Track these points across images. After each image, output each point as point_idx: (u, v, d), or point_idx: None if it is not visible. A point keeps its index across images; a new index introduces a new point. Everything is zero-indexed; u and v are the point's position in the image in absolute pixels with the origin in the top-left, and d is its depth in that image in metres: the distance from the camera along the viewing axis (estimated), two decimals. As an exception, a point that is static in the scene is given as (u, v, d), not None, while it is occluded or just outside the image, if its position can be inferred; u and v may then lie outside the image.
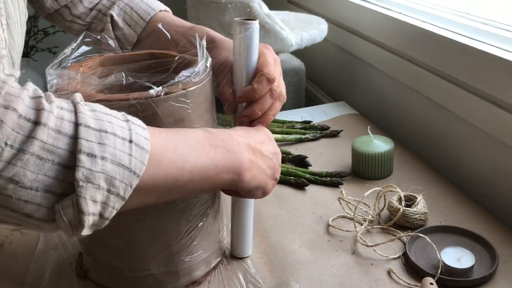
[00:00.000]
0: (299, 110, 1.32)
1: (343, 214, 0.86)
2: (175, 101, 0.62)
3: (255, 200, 0.90)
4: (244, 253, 0.78)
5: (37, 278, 0.74)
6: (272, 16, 1.30)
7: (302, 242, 0.81)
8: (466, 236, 0.79)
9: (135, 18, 0.83)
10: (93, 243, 0.70)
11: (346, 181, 0.97)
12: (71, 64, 0.69)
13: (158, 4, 0.85)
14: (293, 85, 1.71)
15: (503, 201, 0.92)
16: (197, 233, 0.69)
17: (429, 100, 1.09)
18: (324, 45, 1.52)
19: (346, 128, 1.18)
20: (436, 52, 1.05)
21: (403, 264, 0.75)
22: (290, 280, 0.73)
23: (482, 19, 1.02)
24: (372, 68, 1.33)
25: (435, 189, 0.93)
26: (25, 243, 0.82)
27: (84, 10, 0.85)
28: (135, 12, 0.83)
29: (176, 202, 0.66)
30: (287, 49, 1.34)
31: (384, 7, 1.29)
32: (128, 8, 0.84)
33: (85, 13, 0.86)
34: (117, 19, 0.83)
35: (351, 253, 0.78)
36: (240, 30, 0.67)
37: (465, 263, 0.72)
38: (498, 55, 0.88)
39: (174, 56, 0.70)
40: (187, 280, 0.71)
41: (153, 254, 0.67)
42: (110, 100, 0.60)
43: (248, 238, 0.77)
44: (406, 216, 0.82)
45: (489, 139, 0.93)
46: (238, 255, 0.78)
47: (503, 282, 0.71)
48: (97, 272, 0.72)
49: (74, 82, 0.63)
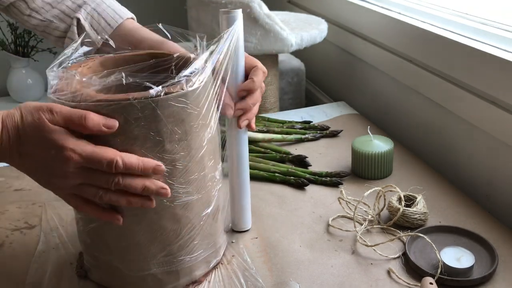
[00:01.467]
0: (299, 110, 1.32)
1: (343, 214, 0.86)
2: (175, 101, 0.62)
3: (255, 201, 0.90)
4: (244, 227, 0.83)
5: (37, 278, 0.74)
6: (272, 16, 1.31)
7: (302, 242, 0.81)
8: (466, 236, 0.79)
9: (102, 24, 0.84)
10: (93, 243, 0.70)
11: (346, 181, 0.98)
12: (71, 65, 0.69)
13: (125, 12, 0.87)
14: (293, 85, 1.71)
15: (503, 201, 0.92)
16: (197, 233, 0.69)
17: (429, 100, 1.09)
18: (324, 45, 1.52)
19: (346, 128, 1.18)
20: (436, 52, 1.05)
21: (402, 264, 0.75)
22: (290, 280, 0.73)
23: (482, 19, 1.02)
24: (372, 68, 1.33)
25: (435, 189, 0.93)
26: (25, 243, 0.82)
27: (42, 4, 0.85)
28: (102, 18, 0.85)
29: (176, 201, 0.66)
30: (287, 49, 1.34)
31: (384, 7, 1.29)
32: (95, 14, 0.85)
33: (44, 7, 0.86)
34: (83, 23, 0.84)
35: (351, 253, 0.78)
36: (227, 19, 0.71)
37: (464, 263, 0.72)
38: (498, 55, 0.88)
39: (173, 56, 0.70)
40: (187, 280, 0.71)
41: (153, 253, 0.68)
42: (110, 100, 0.60)
43: (246, 212, 0.83)
44: (406, 216, 0.82)
45: (489, 139, 0.93)
46: (238, 229, 0.83)
47: (503, 282, 0.71)
48: (97, 272, 0.72)
49: (74, 83, 0.63)
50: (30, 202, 0.93)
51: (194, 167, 0.66)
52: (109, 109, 0.60)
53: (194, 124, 0.65)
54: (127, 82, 0.63)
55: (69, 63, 0.69)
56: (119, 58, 0.75)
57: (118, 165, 0.59)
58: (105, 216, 0.64)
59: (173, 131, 0.63)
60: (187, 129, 0.64)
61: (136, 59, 0.74)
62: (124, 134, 0.61)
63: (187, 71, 0.64)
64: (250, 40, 1.32)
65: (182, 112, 0.63)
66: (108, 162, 0.59)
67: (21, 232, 0.85)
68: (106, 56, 0.74)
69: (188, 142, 0.65)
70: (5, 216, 0.89)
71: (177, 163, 0.64)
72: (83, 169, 0.60)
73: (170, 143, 0.63)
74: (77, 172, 0.60)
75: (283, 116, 1.27)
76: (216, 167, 0.71)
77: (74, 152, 0.59)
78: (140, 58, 0.74)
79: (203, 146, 0.67)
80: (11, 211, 0.91)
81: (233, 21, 0.71)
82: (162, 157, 0.63)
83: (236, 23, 0.71)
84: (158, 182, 0.62)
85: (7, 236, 0.84)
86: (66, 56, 0.69)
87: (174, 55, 0.70)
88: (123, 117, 0.60)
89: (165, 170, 0.62)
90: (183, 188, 0.66)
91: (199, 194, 0.68)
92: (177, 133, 0.63)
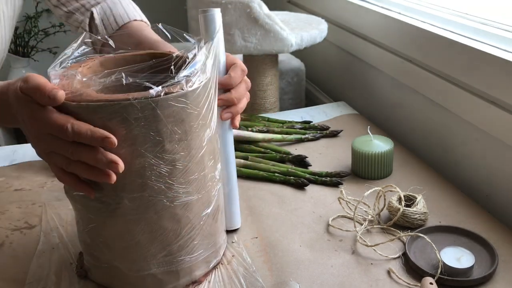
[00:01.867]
0: (299, 110, 1.32)
1: (343, 214, 0.86)
2: (175, 101, 0.62)
3: (255, 201, 0.90)
4: (233, 226, 0.83)
5: (37, 278, 0.74)
6: (272, 16, 1.31)
7: (302, 242, 0.81)
8: (466, 236, 0.79)
9: (110, 20, 0.94)
10: (93, 243, 0.70)
11: (346, 181, 0.98)
12: (71, 65, 0.69)
13: (136, 14, 0.96)
14: (293, 85, 1.72)
15: (503, 201, 0.92)
16: (197, 233, 0.69)
17: (429, 100, 1.09)
18: (324, 45, 1.52)
19: (346, 128, 1.18)
20: (436, 52, 1.05)
21: (403, 264, 0.75)
22: (290, 280, 0.73)
23: (482, 19, 1.02)
24: (372, 68, 1.33)
25: (435, 189, 0.93)
26: (25, 243, 0.82)
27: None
28: (112, 15, 0.94)
29: (176, 201, 0.66)
30: (287, 49, 1.34)
31: (384, 7, 1.29)
32: (108, 10, 0.95)
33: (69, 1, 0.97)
34: (96, 16, 0.95)
35: (351, 253, 0.78)
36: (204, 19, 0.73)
37: (464, 263, 0.72)
38: (498, 55, 0.89)
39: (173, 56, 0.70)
40: (187, 280, 0.71)
41: (153, 253, 0.68)
42: (110, 100, 0.60)
43: (235, 211, 0.83)
44: (406, 216, 0.82)
45: (489, 139, 0.94)
46: (227, 227, 0.82)
47: (503, 282, 0.71)
48: (97, 271, 0.73)
49: (75, 82, 0.63)
50: (30, 202, 0.93)
51: (194, 167, 0.66)
52: (109, 109, 0.60)
53: (194, 124, 0.65)
54: (127, 82, 0.63)
55: (69, 63, 0.69)
56: (119, 58, 0.75)
57: (68, 132, 0.60)
58: (78, 187, 0.65)
59: (173, 131, 0.63)
60: (187, 129, 0.64)
61: (136, 59, 0.74)
62: (124, 134, 0.61)
63: (187, 71, 0.64)
64: (250, 40, 1.32)
65: (182, 112, 0.63)
66: (59, 128, 0.60)
67: (21, 232, 0.85)
68: (106, 56, 0.74)
69: (188, 142, 0.65)
70: (5, 216, 0.89)
71: (177, 163, 0.64)
72: (50, 136, 0.61)
73: (170, 143, 0.63)
74: (46, 139, 0.62)
75: (283, 116, 1.27)
76: (216, 167, 0.71)
77: (36, 119, 0.61)
78: (140, 58, 0.74)
79: (203, 146, 0.67)
80: (11, 211, 0.91)
81: (212, 21, 0.72)
82: (162, 157, 0.63)
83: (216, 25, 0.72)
84: (110, 155, 0.61)
85: (7, 236, 0.84)
86: (67, 56, 0.69)
87: (174, 55, 0.70)
88: (123, 117, 0.60)
89: (115, 143, 0.61)
90: (183, 188, 0.66)
91: (199, 194, 0.68)
92: (177, 133, 0.63)
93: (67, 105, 0.61)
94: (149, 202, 0.65)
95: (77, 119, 0.61)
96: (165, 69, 0.69)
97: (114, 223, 0.67)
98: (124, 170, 0.62)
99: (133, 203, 0.65)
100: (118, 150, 0.61)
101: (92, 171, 0.62)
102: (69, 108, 0.61)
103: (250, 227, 0.84)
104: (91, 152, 0.61)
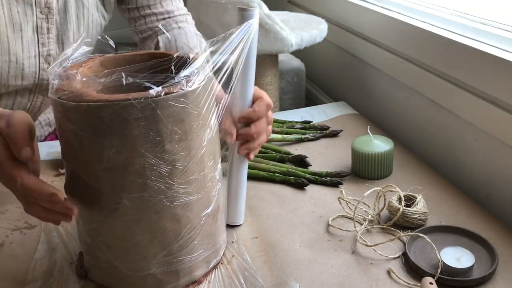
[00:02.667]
0: (299, 110, 1.32)
1: (343, 213, 0.86)
2: (175, 101, 0.62)
3: (255, 200, 0.90)
4: (235, 221, 0.83)
5: (37, 278, 0.74)
6: (272, 16, 1.31)
7: (302, 242, 0.81)
8: (466, 236, 0.79)
9: (173, 50, 0.97)
10: (93, 243, 0.70)
11: (346, 181, 0.98)
12: (71, 65, 0.69)
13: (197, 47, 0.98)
14: (293, 85, 1.72)
15: (503, 201, 0.92)
16: (197, 233, 0.69)
17: (429, 100, 1.09)
18: (324, 45, 1.52)
19: (346, 128, 1.18)
20: (436, 52, 1.05)
21: (402, 263, 0.75)
22: (290, 280, 0.73)
23: (482, 19, 1.02)
24: (372, 68, 1.33)
25: (435, 189, 0.93)
26: (25, 243, 0.82)
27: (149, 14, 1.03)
28: (175, 47, 0.99)
29: (176, 201, 0.66)
30: (287, 49, 1.34)
31: (384, 7, 1.29)
32: (173, 40, 1.00)
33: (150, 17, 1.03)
34: (161, 45, 1.01)
35: (351, 253, 0.78)
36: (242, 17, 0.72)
37: (464, 263, 0.72)
38: (498, 55, 0.89)
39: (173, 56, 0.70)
40: (187, 280, 0.71)
41: (153, 254, 0.68)
42: (110, 100, 0.60)
43: (240, 207, 0.83)
44: (406, 216, 0.82)
45: (489, 139, 0.94)
46: (229, 223, 0.82)
47: (503, 282, 0.71)
48: (97, 271, 0.73)
49: (75, 82, 0.63)
50: (30, 202, 0.93)
51: (194, 167, 0.66)
52: (109, 109, 0.60)
53: (194, 124, 0.65)
54: (127, 82, 0.63)
55: (69, 63, 0.69)
56: (119, 58, 0.75)
57: (17, 185, 0.61)
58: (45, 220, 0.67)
59: (173, 131, 0.63)
60: (187, 129, 0.64)
61: (136, 59, 0.74)
62: (124, 134, 0.61)
63: (187, 71, 0.64)
64: (250, 40, 1.32)
65: (182, 112, 0.63)
66: (9, 178, 0.62)
67: (21, 232, 0.85)
68: (106, 56, 0.74)
69: (188, 142, 0.65)
70: (5, 216, 0.89)
71: (177, 163, 0.64)
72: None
73: (170, 143, 0.63)
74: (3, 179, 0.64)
75: (283, 116, 1.27)
76: (216, 167, 0.71)
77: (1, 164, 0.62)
78: (140, 58, 0.74)
79: (203, 146, 0.67)
80: (11, 211, 0.91)
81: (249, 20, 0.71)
82: (162, 157, 0.63)
83: (251, 21, 0.71)
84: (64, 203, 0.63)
85: (7, 236, 0.84)
86: (67, 56, 0.69)
87: (174, 55, 0.70)
88: (123, 117, 0.60)
89: (62, 199, 0.63)
90: (183, 188, 0.66)
91: (199, 194, 0.68)
92: (177, 133, 0.63)
93: (67, 105, 0.61)
94: (149, 202, 0.65)
95: (77, 119, 0.61)
96: (165, 69, 0.69)
97: (114, 223, 0.67)
98: (124, 170, 0.62)
99: (133, 203, 0.65)
100: (118, 150, 0.61)
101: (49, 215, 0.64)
102: (69, 108, 0.61)
103: (250, 227, 0.84)
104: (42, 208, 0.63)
